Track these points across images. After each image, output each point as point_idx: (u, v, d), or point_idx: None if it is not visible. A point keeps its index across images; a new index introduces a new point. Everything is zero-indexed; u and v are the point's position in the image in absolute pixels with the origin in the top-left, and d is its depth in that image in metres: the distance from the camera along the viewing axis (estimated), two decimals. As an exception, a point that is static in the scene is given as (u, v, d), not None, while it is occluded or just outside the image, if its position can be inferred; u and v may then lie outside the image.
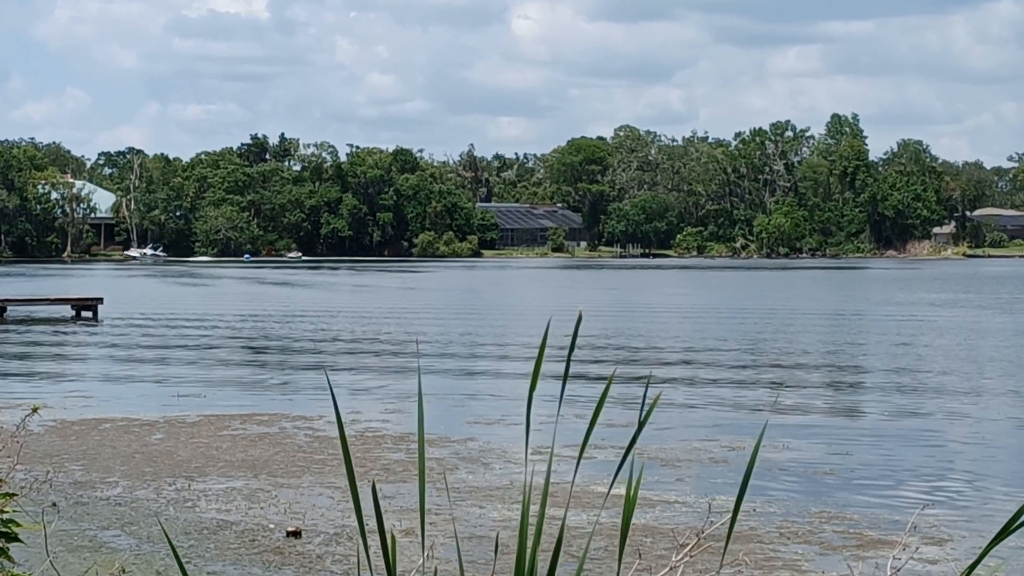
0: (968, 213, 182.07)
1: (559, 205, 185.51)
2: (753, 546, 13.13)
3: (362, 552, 2.74)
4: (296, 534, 13.77)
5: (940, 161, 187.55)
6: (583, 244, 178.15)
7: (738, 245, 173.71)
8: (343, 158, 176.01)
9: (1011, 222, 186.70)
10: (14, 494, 7.76)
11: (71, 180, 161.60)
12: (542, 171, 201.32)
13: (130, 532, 13.92)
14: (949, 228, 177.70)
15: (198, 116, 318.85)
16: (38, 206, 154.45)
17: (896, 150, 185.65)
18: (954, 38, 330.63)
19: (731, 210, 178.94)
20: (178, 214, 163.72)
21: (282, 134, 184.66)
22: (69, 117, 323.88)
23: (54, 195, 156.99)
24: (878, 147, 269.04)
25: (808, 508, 15.23)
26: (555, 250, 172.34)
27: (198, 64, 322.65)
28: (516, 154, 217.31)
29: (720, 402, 25.43)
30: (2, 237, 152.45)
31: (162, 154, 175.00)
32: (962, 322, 48.71)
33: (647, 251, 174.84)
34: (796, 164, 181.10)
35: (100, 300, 51.64)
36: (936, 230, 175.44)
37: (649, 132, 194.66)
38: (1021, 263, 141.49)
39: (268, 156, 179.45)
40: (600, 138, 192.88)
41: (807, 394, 27.18)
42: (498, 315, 53.68)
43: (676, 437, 20.44)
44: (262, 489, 16.30)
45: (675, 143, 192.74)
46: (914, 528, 13.01)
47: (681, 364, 33.11)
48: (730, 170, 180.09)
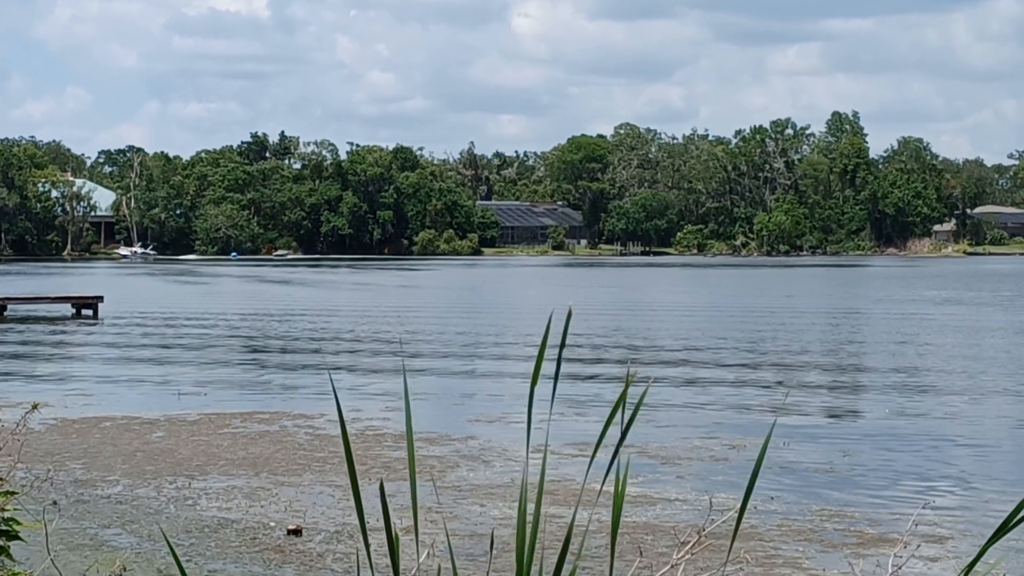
0: (968, 211, 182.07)
1: (559, 203, 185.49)
2: (754, 544, 13.13)
3: (364, 550, 2.74)
4: (297, 532, 13.78)
5: (940, 159, 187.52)
6: (583, 242, 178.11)
7: (738, 243, 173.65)
8: (343, 156, 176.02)
9: (1011, 220, 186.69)
10: (15, 492, 7.76)
11: (71, 178, 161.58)
12: (542, 169, 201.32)
13: (131, 530, 13.92)
14: (949, 226, 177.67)
15: (198, 114, 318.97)
16: (38, 204, 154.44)
17: (896, 148, 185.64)
18: (954, 35, 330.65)
19: (731, 208, 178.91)
20: (178, 212, 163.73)
21: (282, 132, 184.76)
22: (69, 115, 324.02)
23: (54, 193, 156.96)
24: (878, 145, 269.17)
25: (809, 506, 15.23)
26: (555, 248, 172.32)
27: (198, 62, 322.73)
28: (516, 152, 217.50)
29: (721, 400, 25.42)
30: (2, 235, 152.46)
31: (162, 152, 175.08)
32: (963, 320, 48.71)
33: (647, 249, 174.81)
34: (796, 162, 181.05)
35: (100, 298, 51.63)
36: (936, 228, 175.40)
37: (649, 130, 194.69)
38: (1022, 260, 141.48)
39: (268, 154, 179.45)
40: (600, 136, 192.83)
41: (808, 392, 27.19)
42: (498, 313, 53.68)
43: (677, 435, 20.45)
44: (263, 487, 16.30)
45: (675, 141, 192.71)
46: (915, 526, 13.02)
47: (682, 362, 33.11)
48: (730, 168, 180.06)
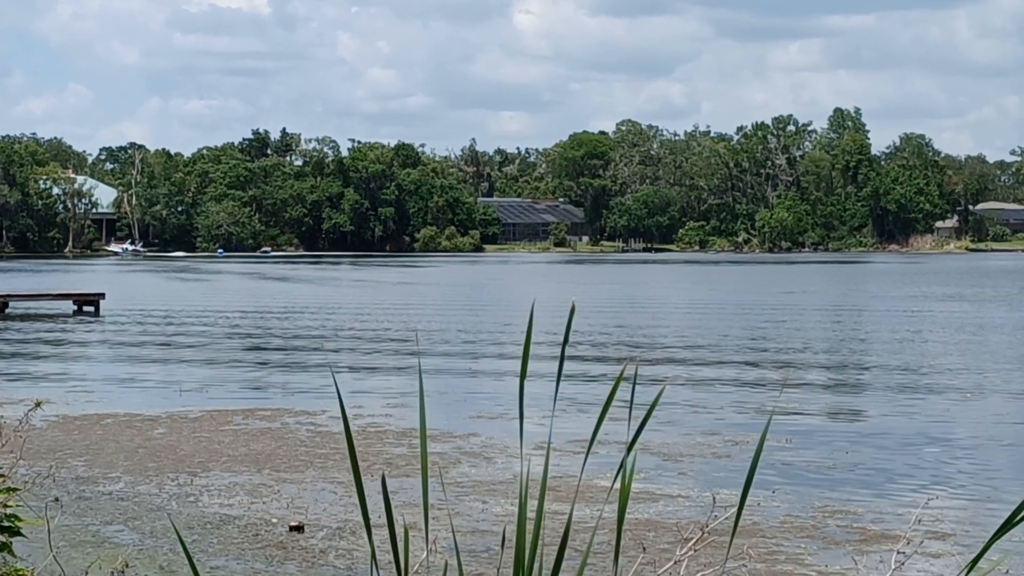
0: (971, 207, 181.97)
1: (561, 200, 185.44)
2: (756, 540, 13.11)
3: (370, 546, 2.74)
4: (299, 529, 13.77)
5: (943, 155, 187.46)
6: (585, 239, 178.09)
7: (740, 239, 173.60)
8: (345, 153, 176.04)
9: (1014, 216, 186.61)
10: (17, 489, 7.75)
11: (72, 175, 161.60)
12: (544, 166, 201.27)
13: (133, 527, 13.92)
14: (952, 222, 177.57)
15: (199, 111, 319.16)
16: (40, 201, 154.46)
17: (898, 144, 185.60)
18: (956, 31, 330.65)
19: (733, 204, 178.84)
20: (180, 209, 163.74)
21: (283, 129, 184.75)
22: (71, 112, 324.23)
23: (55, 190, 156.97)
24: (880, 141, 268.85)
25: (811, 502, 15.21)
26: (557, 245, 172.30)
27: (199, 59, 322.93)
28: (518, 149, 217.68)
29: (723, 397, 25.41)
30: (4, 232, 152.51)
31: (163, 149, 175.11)
32: (965, 317, 48.69)
33: (649, 246, 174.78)
34: (798, 158, 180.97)
35: (102, 295, 51.62)
36: (939, 224, 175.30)
37: (651, 126, 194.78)
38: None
39: (270, 151, 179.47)
40: (602, 133, 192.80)
41: (810, 388, 27.17)
42: (500, 310, 53.65)
43: (679, 431, 20.43)
44: (265, 484, 16.29)
45: (677, 137, 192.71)
46: (918, 523, 13.00)
47: (684, 359, 33.08)
48: (732, 164, 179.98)
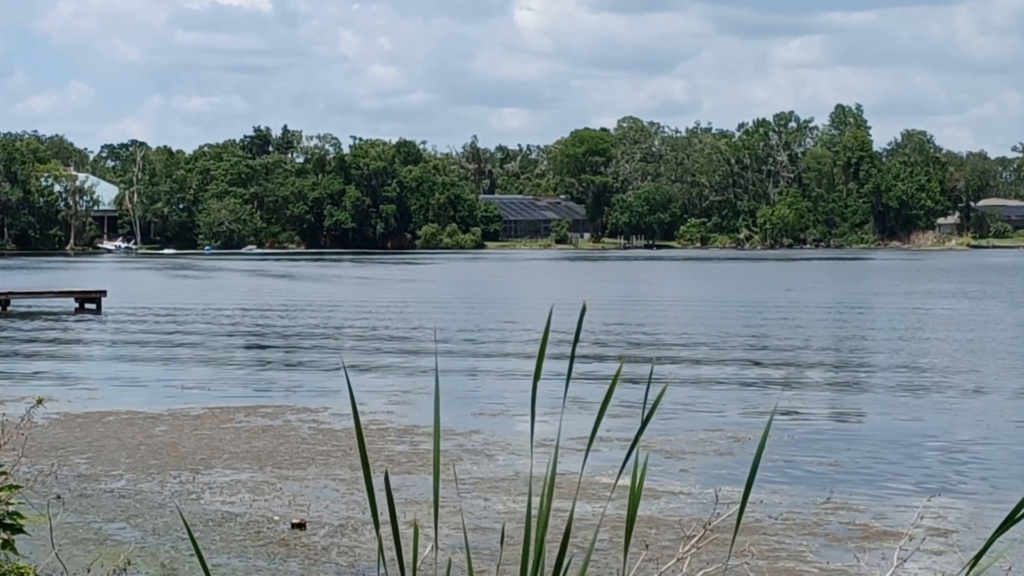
0: (972, 204, 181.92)
1: (562, 197, 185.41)
2: (758, 537, 13.11)
3: (376, 543, 2.73)
4: (301, 526, 13.77)
5: (944, 151, 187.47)
6: (586, 236, 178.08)
7: (742, 236, 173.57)
8: (346, 150, 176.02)
9: (1015, 212, 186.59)
10: (19, 486, 7.75)
11: (74, 173, 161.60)
12: (545, 163, 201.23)
13: (135, 524, 13.92)
14: (953, 219, 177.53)
15: (201, 108, 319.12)
16: (41, 199, 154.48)
17: (900, 140, 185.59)
18: (957, 28, 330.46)
19: (735, 201, 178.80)
20: (181, 207, 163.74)
21: (285, 126, 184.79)
22: (72, 110, 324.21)
23: (57, 188, 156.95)
24: (882, 138, 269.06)
25: (813, 499, 15.21)
26: (558, 242, 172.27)
27: (201, 56, 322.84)
28: (519, 146, 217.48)
29: (725, 394, 25.41)
30: (5, 230, 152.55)
31: (165, 146, 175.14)
32: (967, 313, 48.66)
33: (650, 242, 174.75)
34: (800, 155, 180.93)
35: (104, 293, 51.61)
36: (940, 221, 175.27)
37: (652, 123, 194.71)
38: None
39: (271, 148, 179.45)
40: (603, 129, 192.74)
41: (812, 385, 27.18)
42: (502, 307, 53.65)
43: (681, 428, 20.43)
44: (267, 481, 16.30)
45: (678, 134, 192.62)
46: (920, 519, 12.99)
47: (685, 355, 33.08)
48: (733, 161, 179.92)
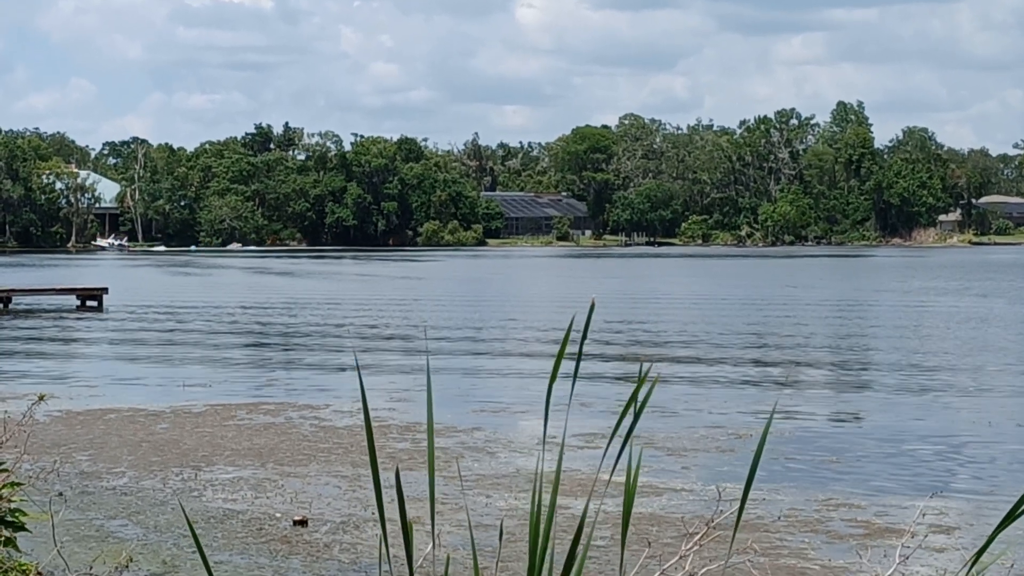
0: (974, 200, 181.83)
1: (564, 194, 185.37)
2: (759, 535, 13.11)
3: (379, 540, 2.72)
4: (303, 523, 13.78)
5: (945, 148, 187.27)
6: (588, 233, 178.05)
7: (743, 233, 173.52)
8: (347, 147, 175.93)
9: (1017, 209, 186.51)
10: (21, 484, 7.75)
11: (75, 170, 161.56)
12: (547, 160, 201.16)
13: (137, 522, 13.92)
14: (955, 216, 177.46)
15: (202, 106, 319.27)
16: (42, 196, 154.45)
17: (901, 137, 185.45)
18: (958, 25, 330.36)
19: (736, 198, 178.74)
20: (183, 204, 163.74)
21: (286, 123, 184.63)
22: (73, 107, 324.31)
23: (58, 185, 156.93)
24: (883, 134, 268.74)
25: (815, 496, 15.21)
26: (560, 239, 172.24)
27: (202, 53, 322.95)
28: (521, 143, 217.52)
29: (727, 391, 25.41)
30: (7, 227, 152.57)
31: (166, 144, 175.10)
32: (969, 310, 48.65)
33: (652, 240, 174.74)
34: (801, 152, 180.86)
35: (105, 290, 51.62)
36: (942, 218, 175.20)
37: (654, 120, 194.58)
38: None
39: (272, 145, 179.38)
40: (605, 127, 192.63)
41: (813, 382, 27.17)
42: (503, 304, 53.65)
43: (682, 425, 20.43)
44: (268, 478, 16.30)
45: (680, 131, 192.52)
46: (922, 516, 12.99)
47: (687, 352, 33.07)
48: (735, 158, 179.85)
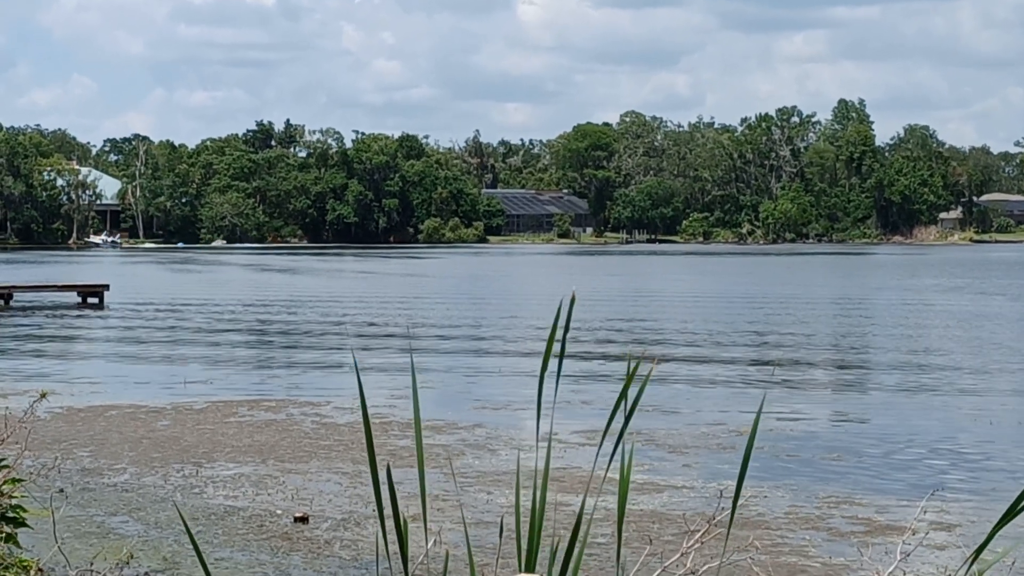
0: (975, 198, 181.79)
1: (565, 191, 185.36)
2: (761, 532, 13.10)
3: (377, 536, 2.72)
4: (304, 520, 13.77)
5: (947, 146, 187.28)
6: (589, 230, 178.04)
7: (744, 231, 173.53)
8: (349, 144, 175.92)
9: (1018, 207, 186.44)
10: (22, 480, 7.74)
11: (77, 167, 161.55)
12: (548, 157, 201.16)
13: (138, 518, 13.92)
14: (956, 213, 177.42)
15: (203, 102, 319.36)
16: (44, 193, 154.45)
17: (903, 135, 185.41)
18: (960, 22, 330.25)
19: (737, 196, 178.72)
20: (184, 201, 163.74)
21: (288, 120, 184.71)
22: (75, 104, 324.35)
23: (60, 182, 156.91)
24: (884, 132, 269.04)
25: (816, 493, 15.20)
26: (561, 236, 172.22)
27: (203, 50, 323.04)
28: (522, 140, 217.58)
29: (728, 388, 25.40)
30: (8, 224, 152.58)
31: (168, 141, 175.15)
32: (970, 308, 48.63)
33: (653, 237, 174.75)
34: (802, 149, 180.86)
35: (106, 287, 51.66)
36: (943, 215, 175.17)
37: (655, 118, 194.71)
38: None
39: (274, 142, 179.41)
40: (606, 124, 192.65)
41: (815, 380, 27.16)
42: (504, 301, 53.64)
43: (684, 422, 20.42)
44: (269, 475, 16.30)
45: (681, 129, 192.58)
46: (923, 513, 12.98)
47: (688, 350, 33.05)
48: (736, 156, 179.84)
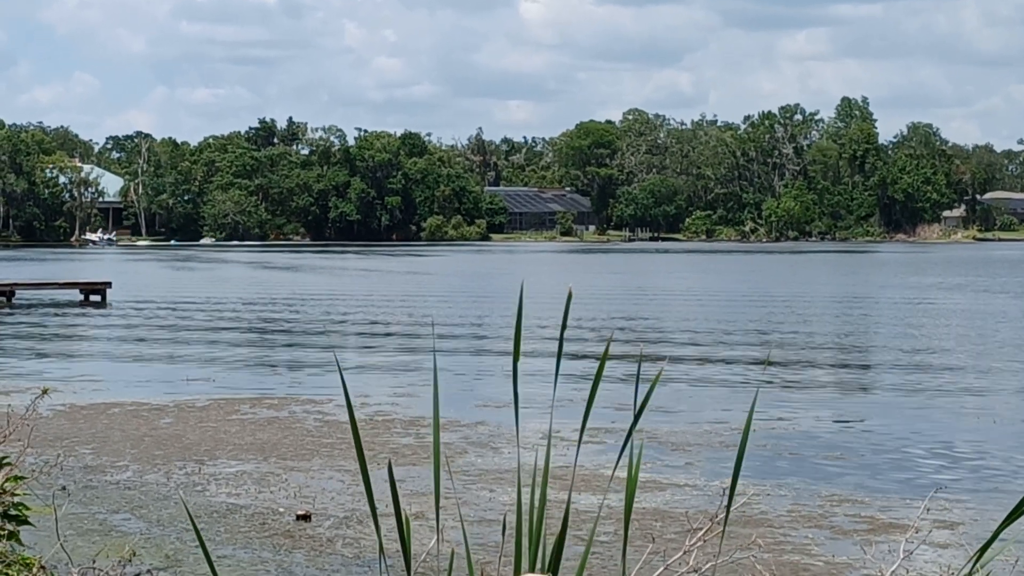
0: (978, 196, 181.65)
1: (568, 189, 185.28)
2: (764, 530, 13.09)
3: (378, 535, 2.72)
4: (306, 518, 13.77)
5: (950, 144, 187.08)
6: (592, 228, 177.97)
7: (747, 229, 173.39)
8: (351, 142, 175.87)
9: (1021, 205, 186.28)
10: (24, 477, 7.74)
11: (79, 164, 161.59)
12: (550, 155, 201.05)
13: (140, 516, 13.92)
14: (959, 212, 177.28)
15: (206, 100, 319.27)
16: (46, 190, 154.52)
17: (906, 133, 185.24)
18: (963, 20, 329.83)
19: (740, 194, 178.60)
20: (186, 198, 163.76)
21: (290, 118, 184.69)
22: (77, 101, 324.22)
23: (62, 179, 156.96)
24: (888, 130, 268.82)
25: (819, 492, 15.20)
26: (564, 234, 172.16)
27: (206, 48, 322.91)
28: (524, 138, 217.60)
29: (731, 385, 25.39)
30: (10, 221, 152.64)
31: (170, 138, 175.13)
32: (972, 306, 48.61)
33: (656, 235, 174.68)
34: (805, 147, 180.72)
35: (108, 284, 51.71)
36: (946, 214, 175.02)
37: (658, 116, 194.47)
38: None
39: (276, 140, 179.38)
40: (609, 122, 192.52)
41: (817, 378, 27.15)
42: (507, 299, 53.63)
43: (686, 420, 20.42)
44: (272, 473, 16.30)
45: (684, 127, 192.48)
46: (926, 512, 12.97)
47: (690, 348, 33.04)
48: (739, 154, 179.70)
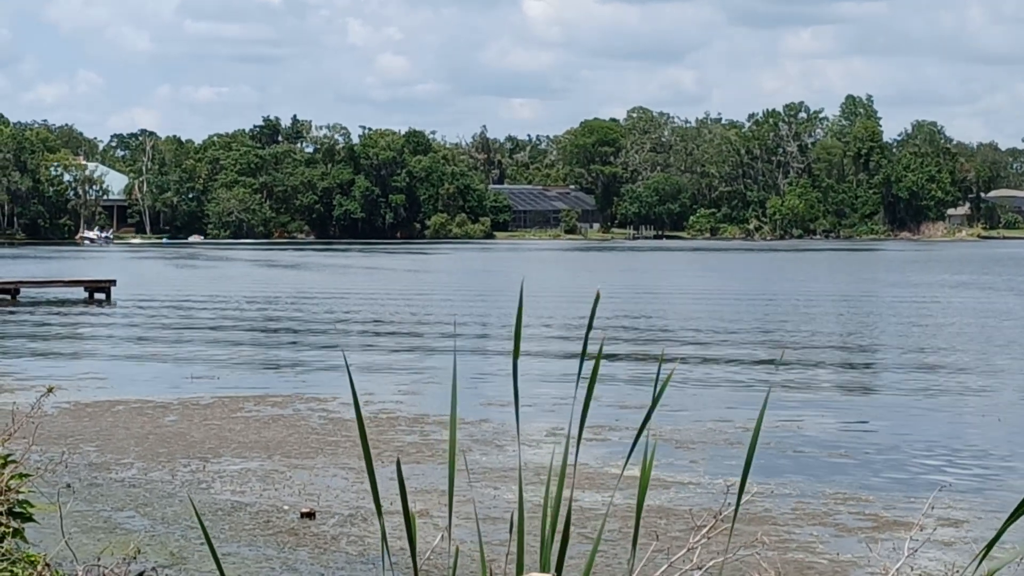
0: (983, 194, 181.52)
1: (572, 187, 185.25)
2: (768, 528, 13.08)
3: (382, 531, 2.73)
4: (310, 515, 13.77)
5: (955, 142, 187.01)
6: (596, 226, 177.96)
7: (751, 227, 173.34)
8: (355, 140, 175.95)
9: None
10: (29, 475, 7.75)
11: (84, 162, 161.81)
12: (555, 153, 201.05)
13: (144, 513, 13.93)
14: (964, 209, 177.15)
15: (210, 98, 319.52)
16: (51, 188, 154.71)
17: (910, 131, 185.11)
18: (968, 18, 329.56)
19: (744, 192, 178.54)
20: (190, 196, 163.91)
21: (294, 116, 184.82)
22: (81, 99, 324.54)
23: (67, 177, 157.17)
24: (892, 128, 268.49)
25: (823, 490, 15.19)
26: (568, 232, 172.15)
27: (210, 46, 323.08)
28: (529, 136, 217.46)
29: (734, 383, 25.39)
30: (15, 219, 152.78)
31: (174, 136, 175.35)
32: (978, 304, 48.58)
33: (660, 233, 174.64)
34: (810, 145, 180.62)
35: (113, 282, 51.74)
36: (950, 212, 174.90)
37: (662, 113, 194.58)
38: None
39: (280, 138, 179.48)
40: (613, 120, 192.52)
41: (821, 376, 27.12)
42: (510, 297, 53.62)
43: (690, 418, 20.40)
44: (276, 470, 16.30)
45: (688, 124, 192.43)
46: (931, 509, 12.96)
47: (695, 346, 33.03)
48: (743, 152, 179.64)
